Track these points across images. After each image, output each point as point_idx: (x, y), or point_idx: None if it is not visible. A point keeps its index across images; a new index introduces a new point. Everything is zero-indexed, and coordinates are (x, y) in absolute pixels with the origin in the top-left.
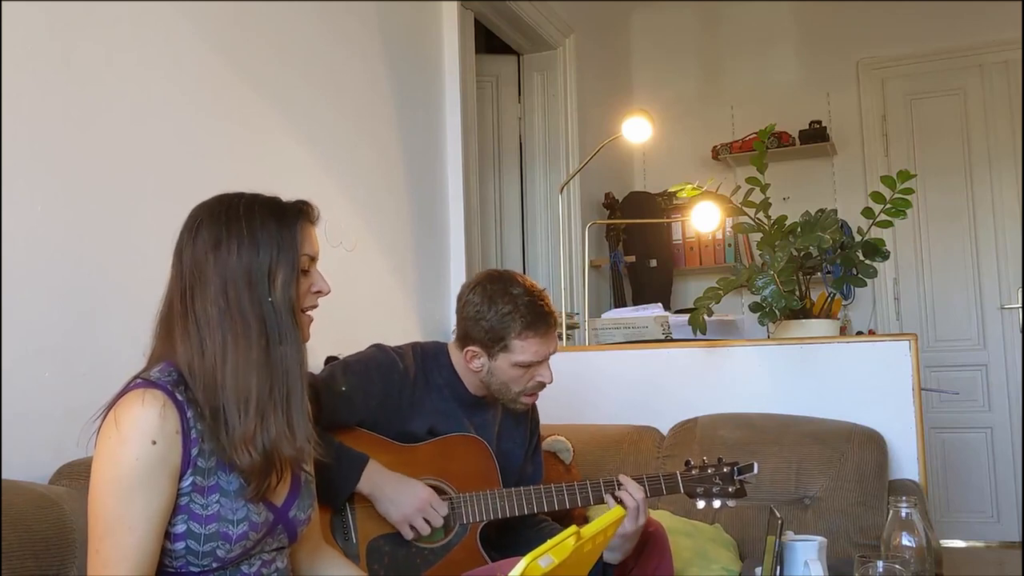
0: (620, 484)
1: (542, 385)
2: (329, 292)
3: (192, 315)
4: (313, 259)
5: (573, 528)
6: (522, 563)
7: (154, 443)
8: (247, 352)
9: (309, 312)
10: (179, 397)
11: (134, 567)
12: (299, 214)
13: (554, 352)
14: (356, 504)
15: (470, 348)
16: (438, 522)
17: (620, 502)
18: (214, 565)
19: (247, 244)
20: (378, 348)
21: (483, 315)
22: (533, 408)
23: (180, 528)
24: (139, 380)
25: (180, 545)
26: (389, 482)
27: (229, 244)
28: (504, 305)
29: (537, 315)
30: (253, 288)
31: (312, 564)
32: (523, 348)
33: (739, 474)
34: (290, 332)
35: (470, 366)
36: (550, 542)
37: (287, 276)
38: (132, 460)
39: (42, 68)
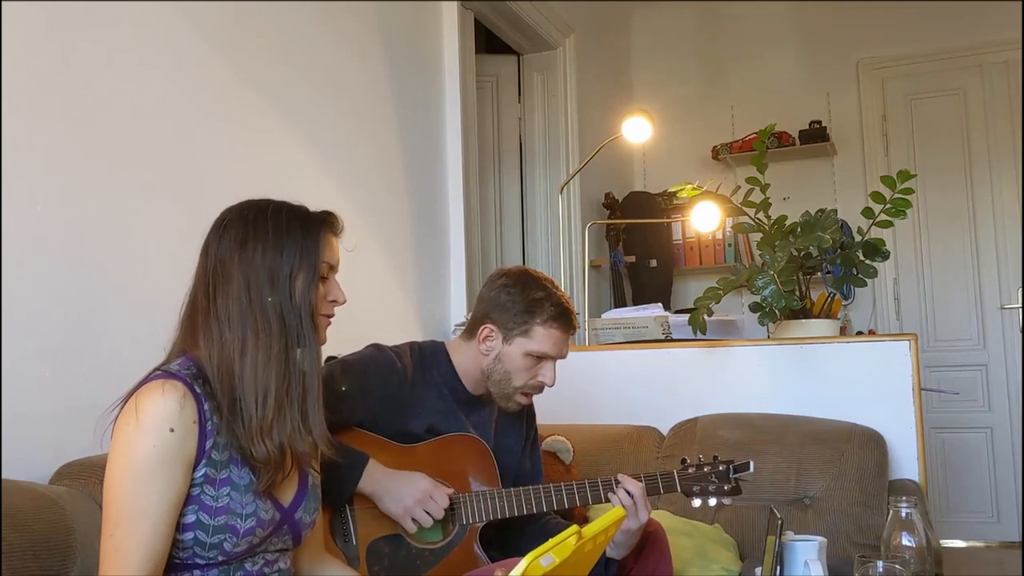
0: (618, 482)
1: (541, 387)
2: (344, 302)
3: (214, 310)
4: (333, 268)
5: (574, 528)
6: (523, 563)
7: (172, 431)
8: (267, 349)
9: (327, 317)
10: (197, 390)
11: (147, 555)
12: (323, 223)
13: (564, 357)
14: (356, 505)
15: (487, 326)
16: (439, 514)
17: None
18: (219, 558)
19: (272, 245)
20: (376, 348)
21: (515, 296)
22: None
23: (190, 518)
24: (159, 371)
25: (189, 535)
26: (389, 478)
27: (254, 244)
28: (538, 292)
29: (564, 313)
30: (275, 288)
31: (313, 569)
32: (544, 337)
33: (735, 472)
34: (308, 335)
35: (481, 348)
36: (551, 541)
37: (307, 280)
38: (150, 447)
39: (42, 68)
